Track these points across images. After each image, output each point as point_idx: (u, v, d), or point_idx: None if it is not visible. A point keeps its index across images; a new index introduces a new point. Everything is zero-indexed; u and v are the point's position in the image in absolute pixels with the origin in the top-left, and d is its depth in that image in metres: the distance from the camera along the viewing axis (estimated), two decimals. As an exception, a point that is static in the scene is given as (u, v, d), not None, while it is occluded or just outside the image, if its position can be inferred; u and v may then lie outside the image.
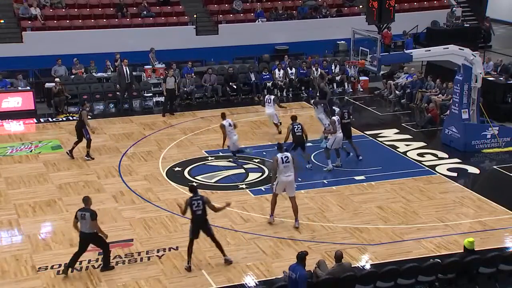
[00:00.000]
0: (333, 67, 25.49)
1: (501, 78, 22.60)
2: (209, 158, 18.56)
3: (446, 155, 18.86)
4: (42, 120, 21.88)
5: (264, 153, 18.75)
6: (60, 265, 12.88)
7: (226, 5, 29.93)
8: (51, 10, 27.51)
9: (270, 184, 14.84)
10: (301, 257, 11.03)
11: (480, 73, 19.05)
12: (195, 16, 28.37)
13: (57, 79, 22.67)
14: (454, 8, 31.83)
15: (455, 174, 17.60)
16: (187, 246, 12.70)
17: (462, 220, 15.01)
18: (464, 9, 33.14)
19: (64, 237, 14.06)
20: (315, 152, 18.68)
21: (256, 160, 18.25)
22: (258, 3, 30.17)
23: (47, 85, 23.02)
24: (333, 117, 17.61)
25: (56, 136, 20.28)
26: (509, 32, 35.57)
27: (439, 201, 16.02)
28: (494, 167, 18.29)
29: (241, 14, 29.65)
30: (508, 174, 17.65)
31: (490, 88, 21.31)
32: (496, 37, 32.20)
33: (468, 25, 31.82)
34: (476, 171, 17.94)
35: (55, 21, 27.09)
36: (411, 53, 20.09)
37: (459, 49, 19.05)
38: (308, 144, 18.01)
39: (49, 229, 14.61)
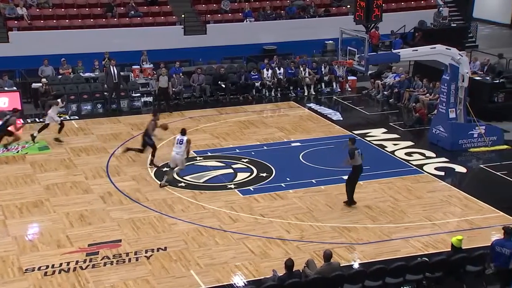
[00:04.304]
0: (322, 68, 25.52)
1: (488, 78, 22.73)
2: (198, 158, 18.51)
3: (433, 154, 18.94)
4: (29, 120, 21.73)
5: (253, 153, 18.74)
6: (47, 266, 12.82)
7: (214, 5, 29.89)
8: (37, 10, 27.34)
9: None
10: (509, 231, 11.18)
11: (467, 73, 19.15)
12: (183, 16, 28.31)
13: (43, 79, 22.52)
14: (441, 8, 32.00)
15: (442, 173, 17.68)
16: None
17: (450, 219, 15.09)
18: (451, 9, 33.32)
19: (51, 238, 13.98)
20: (303, 152, 18.75)
21: (245, 160, 18.24)
22: (246, 3, 30.15)
23: (34, 85, 22.88)
24: None
25: (43, 137, 20.11)
26: (495, 32, 35.81)
27: (426, 200, 16.09)
28: (481, 166, 18.40)
29: (229, 14, 29.62)
30: (495, 173, 17.75)
31: (477, 88, 21.42)
32: (482, 36, 32.36)
33: (455, 25, 31.99)
34: (463, 170, 18.04)
35: (41, 21, 26.93)
36: (399, 53, 20.16)
37: (446, 48, 19.15)
38: (297, 144, 17.86)
39: (36, 230, 14.52)
